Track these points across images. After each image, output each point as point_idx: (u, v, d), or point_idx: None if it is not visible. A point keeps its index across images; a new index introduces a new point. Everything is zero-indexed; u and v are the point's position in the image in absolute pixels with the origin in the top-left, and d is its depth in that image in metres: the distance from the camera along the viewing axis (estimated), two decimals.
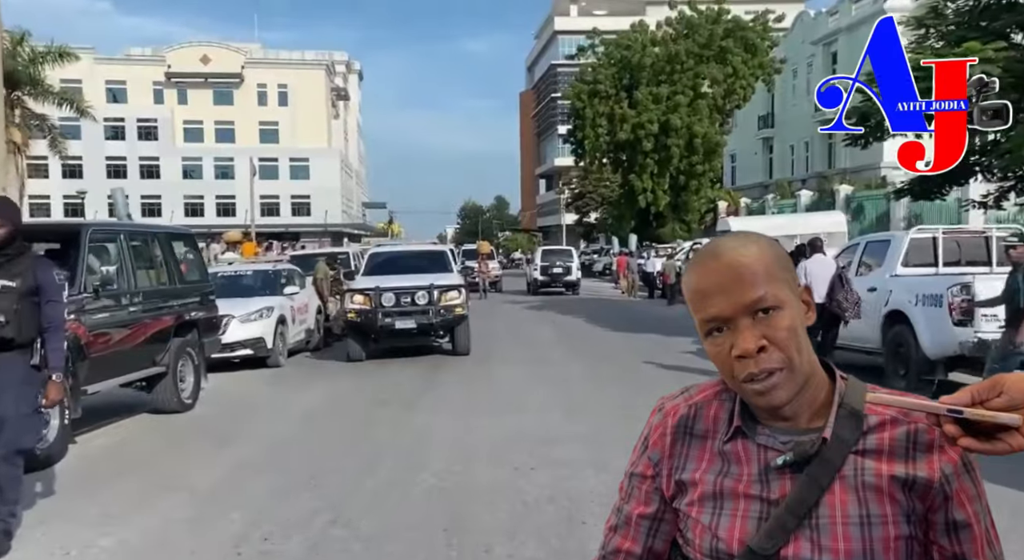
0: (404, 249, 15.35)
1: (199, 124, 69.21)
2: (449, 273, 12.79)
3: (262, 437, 6.96)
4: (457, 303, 11.89)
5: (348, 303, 11.86)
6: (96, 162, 65.00)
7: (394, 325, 11.64)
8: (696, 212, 42.56)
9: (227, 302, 11.73)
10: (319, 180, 68.67)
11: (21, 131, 29.19)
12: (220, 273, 12.93)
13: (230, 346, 11.16)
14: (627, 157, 41.33)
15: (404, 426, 7.20)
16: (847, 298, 8.62)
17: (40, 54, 29.37)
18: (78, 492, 5.28)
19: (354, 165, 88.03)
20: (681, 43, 39.56)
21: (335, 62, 78.86)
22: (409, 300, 11.73)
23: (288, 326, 12.23)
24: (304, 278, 14.13)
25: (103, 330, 6.65)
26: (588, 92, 40.95)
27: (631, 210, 42.57)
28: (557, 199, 70.06)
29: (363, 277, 12.71)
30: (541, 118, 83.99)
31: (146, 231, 8.19)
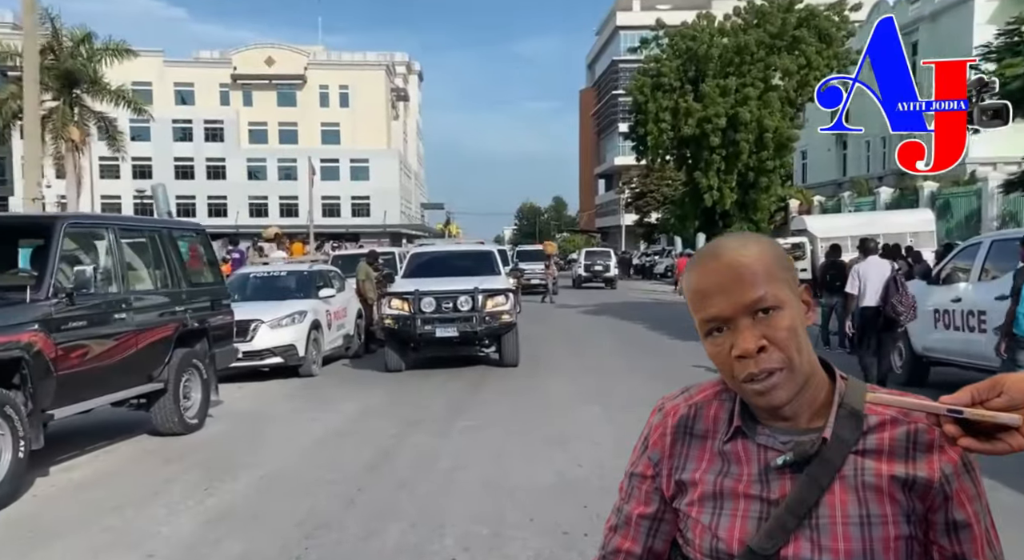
0: (448, 249, 14.12)
1: (263, 125, 70.11)
2: (496, 276, 11.59)
3: (260, 471, 5.85)
4: (504, 309, 10.69)
5: (385, 308, 10.77)
6: (165, 163, 66.46)
7: (434, 333, 10.51)
8: (765, 211, 40.62)
9: (257, 305, 10.83)
10: (378, 181, 68.91)
11: (79, 129, 29.09)
12: (252, 274, 12.02)
13: (258, 354, 10.23)
14: (692, 153, 39.61)
15: (430, 461, 6.01)
16: (902, 301, 8.26)
17: (98, 51, 29.24)
18: (8, 551, 4.25)
19: (413, 166, 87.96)
20: (751, 33, 37.67)
21: (395, 63, 79.12)
22: (451, 306, 10.58)
23: (323, 332, 11.22)
24: (344, 280, 13.13)
25: (78, 342, 5.64)
26: (651, 85, 39.36)
27: (695, 209, 40.80)
28: (616, 199, 68.73)
29: (403, 279, 11.61)
30: (601, 116, 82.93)
31: (144, 226, 7.17)
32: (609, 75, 77.93)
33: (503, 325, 10.70)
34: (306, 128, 69.91)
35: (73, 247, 5.93)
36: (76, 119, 29.30)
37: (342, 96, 70.73)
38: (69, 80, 28.59)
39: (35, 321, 5.23)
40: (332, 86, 70.59)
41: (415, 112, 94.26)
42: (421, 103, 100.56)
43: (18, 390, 5.14)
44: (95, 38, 29.68)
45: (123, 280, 6.34)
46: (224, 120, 68.69)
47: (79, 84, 29.06)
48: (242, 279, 11.94)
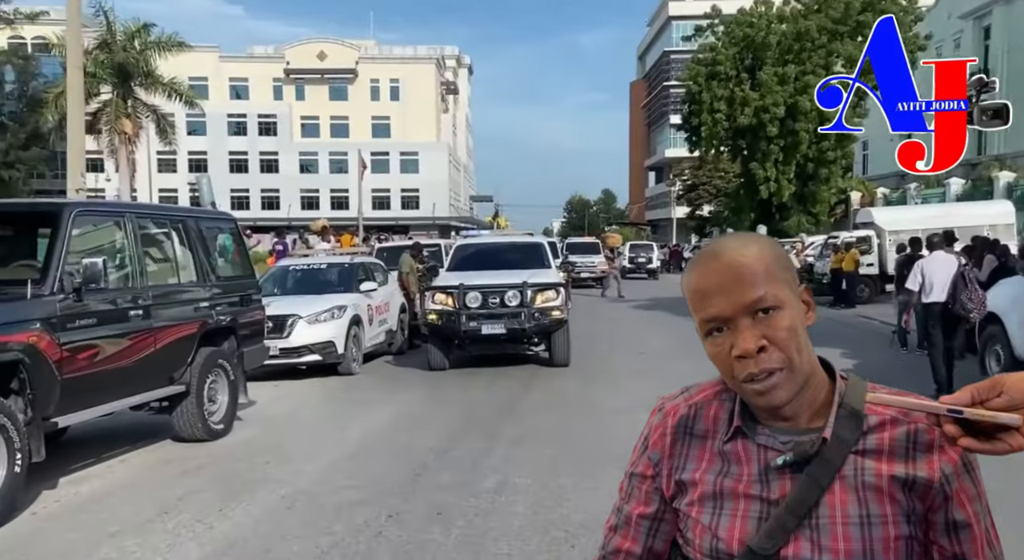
0: (495, 241, 13.37)
1: (315, 119, 70.87)
2: (546, 269, 10.89)
3: (282, 489, 5.23)
4: (555, 305, 9.99)
5: (428, 303, 10.15)
6: (220, 156, 67.62)
7: (480, 330, 9.85)
8: (825, 204, 39.12)
9: (294, 299, 10.33)
10: (428, 174, 69.04)
11: (132, 121, 29.18)
12: (292, 267, 11.51)
13: (295, 351, 9.71)
14: (748, 144, 38.28)
15: (472, 482, 5.32)
16: (971, 298, 7.99)
17: (151, 44, 29.28)
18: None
19: (462, 159, 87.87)
20: (812, 18, 36.15)
21: (445, 57, 79.16)
22: (498, 301, 9.91)
23: (364, 328, 10.66)
24: (387, 272, 12.57)
25: (87, 342, 5.11)
26: (706, 75, 38.12)
27: (751, 201, 39.49)
28: (667, 192, 67.86)
29: (447, 272, 10.97)
30: (652, 108, 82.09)
31: (166, 215, 6.62)
32: (660, 66, 77.29)
33: (553, 322, 10.01)
34: (357, 122, 70.49)
35: (83, 237, 5.40)
36: (129, 111, 29.43)
37: (392, 90, 71.24)
38: (122, 72, 28.71)
39: (37, 319, 4.71)
40: (383, 80, 71.16)
41: (464, 105, 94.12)
42: (471, 96, 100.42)
43: (17, 396, 4.63)
44: (149, 31, 29.75)
45: (140, 274, 5.80)
46: (277, 114, 69.57)
47: (132, 77, 29.16)
48: (281, 272, 11.45)
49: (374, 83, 71.01)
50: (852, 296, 20.35)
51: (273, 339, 9.53)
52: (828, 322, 16.95)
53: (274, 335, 9.56)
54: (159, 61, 29.91)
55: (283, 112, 69.60)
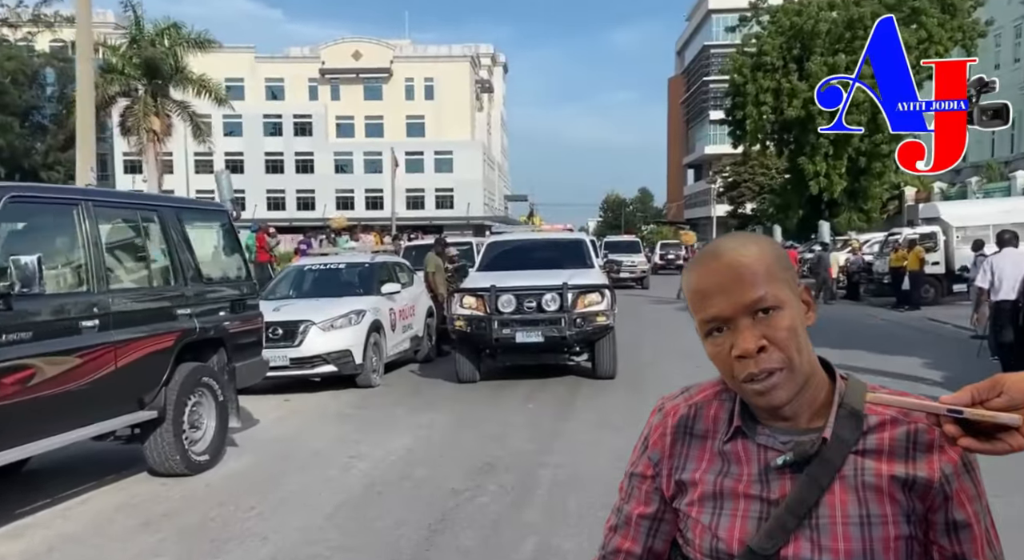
0: (531, 237, 11.88)
1: (350, 119, 70.70)
2: (588, 269, 9.68)
3: (262, 550, 4.11)
4: (599, 309, 8.77)
5: (456, 307, 9.00)
6: (256, 157, 67.70)
7: (514, 338, 8.66)
8: (877, 199, 37.33)
9: (308, 303, 9.26)
10: (462, 173, 68.65)
11: (161, 119, 28.48)
12: (307, 267, 10.42)
13: (308, 361, 8.64)
14: (795, 137, 36.65)
15: (503, 543, 4.16)
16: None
17: (180, 40, 28.58)
18: None
19: (497, 158, 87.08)
20: (865, 5, 34.37)
21: (480, 55, 78.61)
22: (534, 305, 8.72)
23: (385, 334, 9.55)
24: (413, 273, 11.47)
25: (17, 363, 4.04)
26: (751, 65, 36.54)
27: (799, 197, 37.82)
28: (707, 189, 66.68)
29: (477, 273, 9.81)
30: (691, 104, 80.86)
31: (135, 204, 5.49)
32: (700, 61, 76.31)
33: (598, 328, 8.79)
34: (391, 121, 70.28)
35: (22, 230, 4.34)
36: (158, 109, 28.74)
37: (427, 88, 71.14)
38: (150, 69, 28.02)
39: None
40: (417, 79, 70.90)
41: (499, 104, 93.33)
42: (506, 95, 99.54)
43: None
44: (179, 29, 29.08)
45: (98, 275, 4.72)
46: (312, 114, 69.59)
47: (160, 73, 28.48)
48: (295, 273, 10.39)
49: (409, 82, 70.82)
50: (917, 297, 18.83)
51: (283, 348, 8.50)
52: (895, 326, 15.46)
53: (284, 343, 8.53)
54: (190, 59, 29.23)
55: (318, 112, 69.82)
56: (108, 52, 28.47)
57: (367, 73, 70.07)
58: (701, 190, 73.29)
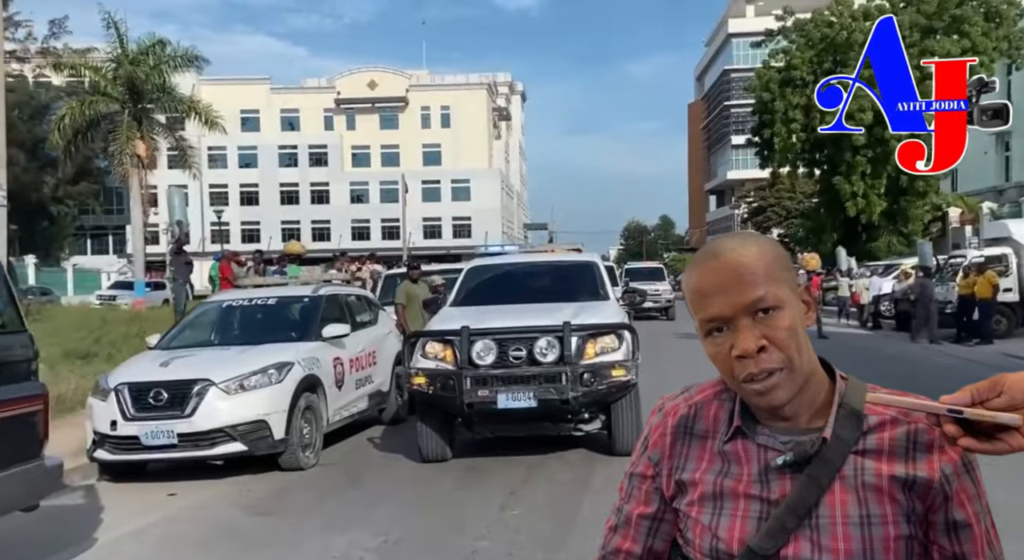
0: (527, 260, 9.01)
1: (366, 149, 70.19)
2: (601, 302, 7.17)
3: None
4: (616, 359, 6.27)
5: (417, 357, 6.48)
6: (271, 188, 67.11)
7: (494, 402, 6.12)
8: (918, 221, 34.57)
9: (211, 355, 6.84)
10: (479, 201, 67.62)
11: (146, 143, 26.31)
12: (226, 302, 7.87)
13: (205, 438, 6.17)
14: (829, 155, 34.12)
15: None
16: None
17: (166, 58, 26.56)
18: None
19: (515, 186, 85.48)
20: (903, 14, 31.92)
21: (497, 83, 77.85)
22: (524, 354, 6.21)
23: (325, 394, 7.05)
24: (378, 309, 9.01)
25: None
26: (779, 81, 34.19)
27: (834, 220, 35.15)
28: (730, 215, 65.11)
29: (451, 308, 7.31)
30: (712, 129, 79.57)
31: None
32: (720, 86, 75.21)
33: (614, 386, 6.27)
34: (408, 150, 69.51)
35: None
36: (141, 133, 26.62)
37: (443, 116, 70.52)
38: (132, 89, 26.02)
39: None
40: (433, 107, 70.27)
41: (518, 132, 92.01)
42: (524, 124, 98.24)
43: None
44: (165, 47, 27.14)
45: None
46: (328, 144, 69.05)
47: (144, 94, 26.48)
48: (211, 311, 7.87)
49: (424, 110, 70.14)
50: (988, 329, 16.12)
51: (168, 419, 6.05)
52: (968, 363, 12.73)
53: (171, 412, 6.07)
54: (174, 78, 27.25)
55: (334, 142, 69.25)
56: (91, 73, 26.58)
57: (382, 102, 69.65)
58: (724, 216, 72.13)
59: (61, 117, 25.11)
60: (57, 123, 24.84)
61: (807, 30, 34.49)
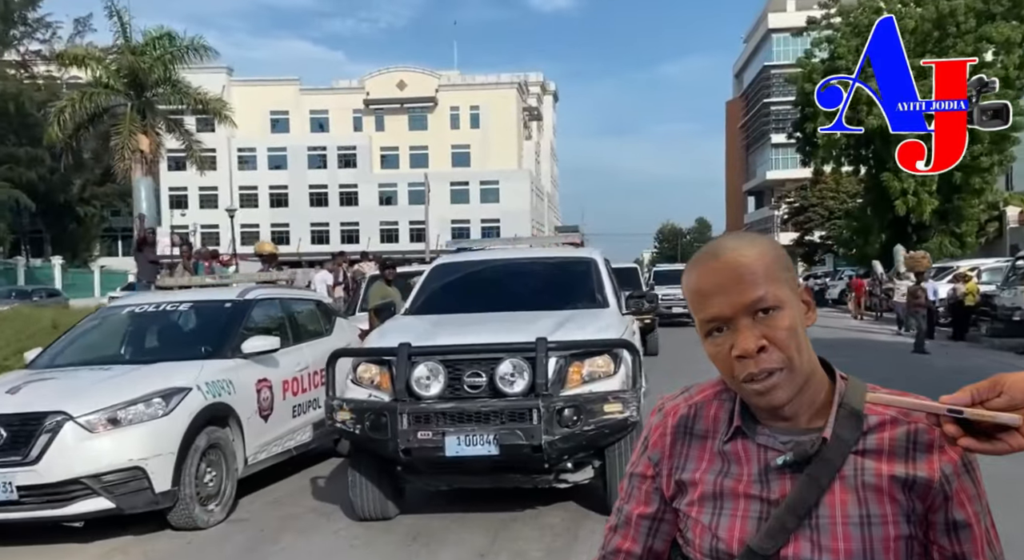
0: (506, 257, 6.82)
1: (395, 150, 69.60)
2: (597, 310, 5.49)
3: None
4: (610, 389, 4.57)
5: (346, 386, 4.84)
6: (300, 190, 67.00)
7: (440, 448, 4.43)
8: (973, 221, 32.24)
9: (76, 378, 5.24)
10: (508, 202, 66.91)
11: (150, 138, 25.02)
12: (128, 308, 6.20)
13: (57, 491, 4.57)
14: (876, 151, 31.92)
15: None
16: None
17: (172, 49, 25.32)
18: None
19: (546, 188, 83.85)
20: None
21: (529, 83, 76.48)
22: (482, 381, 4.55)
23: (241, 427, 5.45)
24: (334, 317, 7.41)
25: None
26: (822, 71, 32.08)
27: (881, 220, 32.95)
28: (770, 217, 63.06)
29: (405, 318, 5.66)
30: (750, 128, 77.48)
31: None
32: (760, 82, 73.07)
33: (607, 427, 4.57)
34: (436, 151, 68.91)
35: None
36: (145, 127, 25.36)
37: (472, 117, 69.96)
38: (135, 80, 24.80)
39: None
40: (463, 107, 69.54)
41: (549, 133, 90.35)
42: (556, 125, 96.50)
43: None
44: (172, 40, 25.93)
45: None
46: (357, 146, 68.71)
47: (147, 86, 25.26)
48: (110, 320, 6.23)
49: (454, 111, 69.41)
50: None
51: (5, 467, 4.50)
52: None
53: (10, 458, 4.52)
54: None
55: (363, 144, 68.77)
56: (93, 63, 25.44)
57: (411, 102, 68.92)
58: (763, 217, 69.76)
59: (61, 109, 23.93)
60: (56, 115, 23.66)
61: (854, 16, 32.39)
